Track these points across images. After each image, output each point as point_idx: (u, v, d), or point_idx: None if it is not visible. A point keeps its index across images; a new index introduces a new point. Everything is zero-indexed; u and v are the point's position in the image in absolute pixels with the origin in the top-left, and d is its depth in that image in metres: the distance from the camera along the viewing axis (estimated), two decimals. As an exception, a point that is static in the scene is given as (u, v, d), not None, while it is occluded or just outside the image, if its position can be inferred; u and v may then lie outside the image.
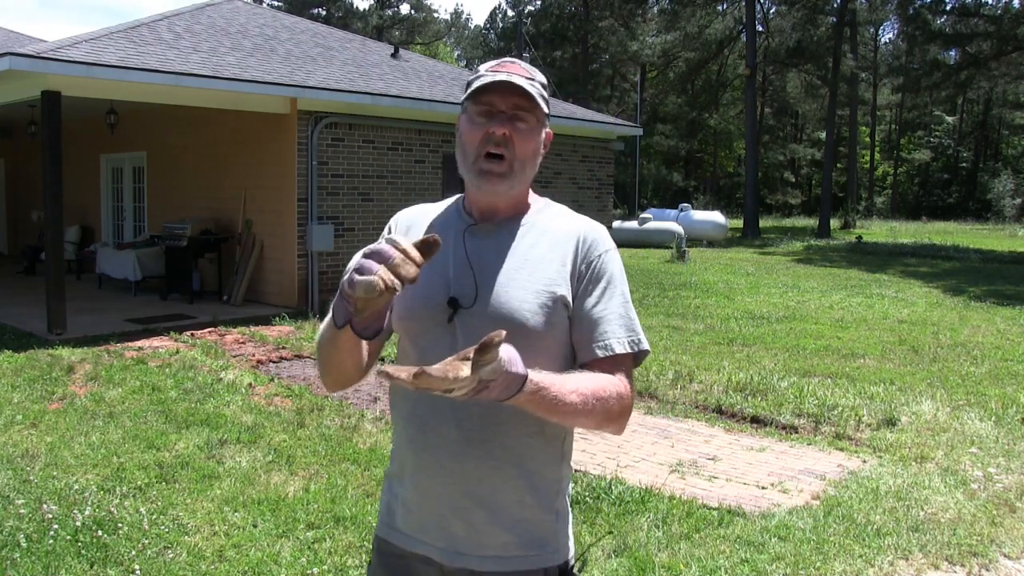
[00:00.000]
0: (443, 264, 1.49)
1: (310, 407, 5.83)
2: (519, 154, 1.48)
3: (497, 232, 1.52)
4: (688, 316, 10.24)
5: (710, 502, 4.20)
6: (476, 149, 1.47)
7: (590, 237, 1.53)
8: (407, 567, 1.54)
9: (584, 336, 1.48)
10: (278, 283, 10.68)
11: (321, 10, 49.01)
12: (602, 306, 1.48)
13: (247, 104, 9.92)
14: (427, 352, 1.45)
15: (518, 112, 1.47)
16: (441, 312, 1.46)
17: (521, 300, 1.45)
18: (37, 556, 3.43)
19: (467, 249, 1.50)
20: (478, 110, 1.48)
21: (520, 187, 1.52)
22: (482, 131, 1.47)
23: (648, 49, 41.69)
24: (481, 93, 1.47)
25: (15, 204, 16.78)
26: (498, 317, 1.43)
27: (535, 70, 1.53)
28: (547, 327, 1.45)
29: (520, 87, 1.46)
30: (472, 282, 1.46)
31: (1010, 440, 5.25)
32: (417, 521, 1.52)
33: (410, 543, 1.53)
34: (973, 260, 19.86)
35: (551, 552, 1.51)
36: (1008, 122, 48.99)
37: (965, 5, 28.64)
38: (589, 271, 1.50)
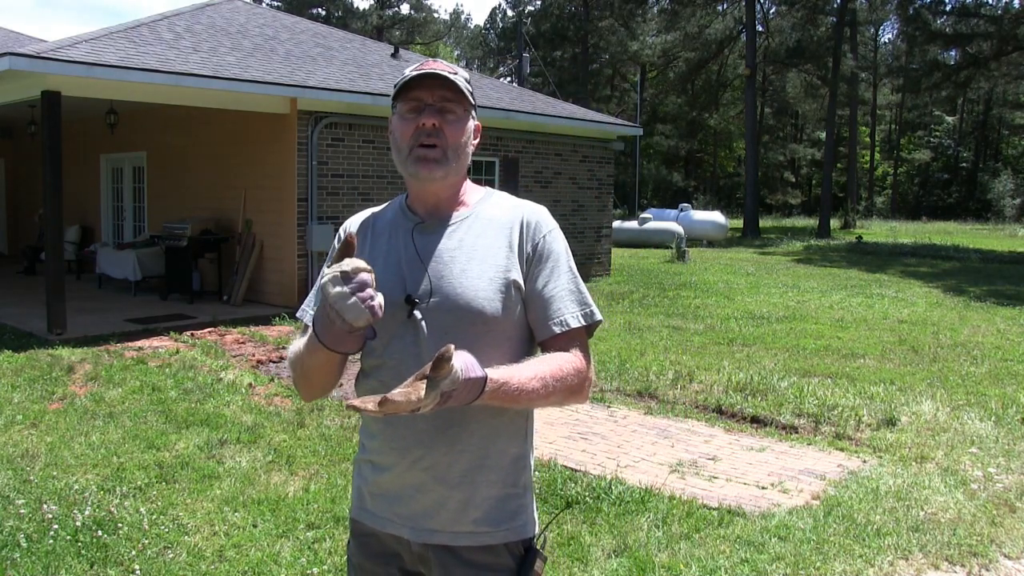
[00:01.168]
0: (396, 263, 1.55)
1: (310, 407, 5.82)
2: (451, 141, 1.54)
3: (443, 227, 1.58)
4: (688, 316, 10.24)
5: (710, 502, 4.20)
6: (409, 143, 1.54)
7: (532, 220, 1.59)
8: (380, 545, 1.61)
9: (539, 315, 1.55)
10: (278, 283, 10.68)
11: (321, 10, 49.02)
12: (552, 284, 1.55)
13: (247, 104, 9.93)
14: (392, 347, 1.52)
15: (445, 104, 1.54)
16: (399, 310, 1.51)
17: (477, 289, 1.50)
18: (37, 556, 3.43)
19: (416, 246, 1.56)
20: (407, 107, 1.55)
21: (456, 175, 1.58)
22: (413, 126, 1.53)
23: (648, 49, 41.71)
24: (408, 89, 1.54)
25: (15, 204, 16.78)
26: (457, 308, 1.49)
27: (457, 67, 1.60)
28: (505, 312, 1.51)
29: (445, 78, 1.53)
30: (426, 279, 1.52)
31: (1010, 440, 5.25)
32: (387, 503, 1.57)
33: (380, 523, 1.59)
34: (973, 260, 19.86)
35: (519, 526, 1.57)
36: (1008, 122, 48.98)
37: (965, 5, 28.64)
38: (536, 253, 1.56)
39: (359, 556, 1.65)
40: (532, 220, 1.59)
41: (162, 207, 12.53)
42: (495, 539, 1.54)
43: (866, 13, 37.11)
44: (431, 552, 1.54)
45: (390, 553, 1.60)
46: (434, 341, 1.46)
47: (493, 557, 1.54)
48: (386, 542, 1.60)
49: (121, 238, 13.69)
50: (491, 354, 1.45)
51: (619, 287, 13.11)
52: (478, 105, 1.65)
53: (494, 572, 1.54)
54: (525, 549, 1.57)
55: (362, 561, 1.64)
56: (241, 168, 11.05)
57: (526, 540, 1.58)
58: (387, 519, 1.58)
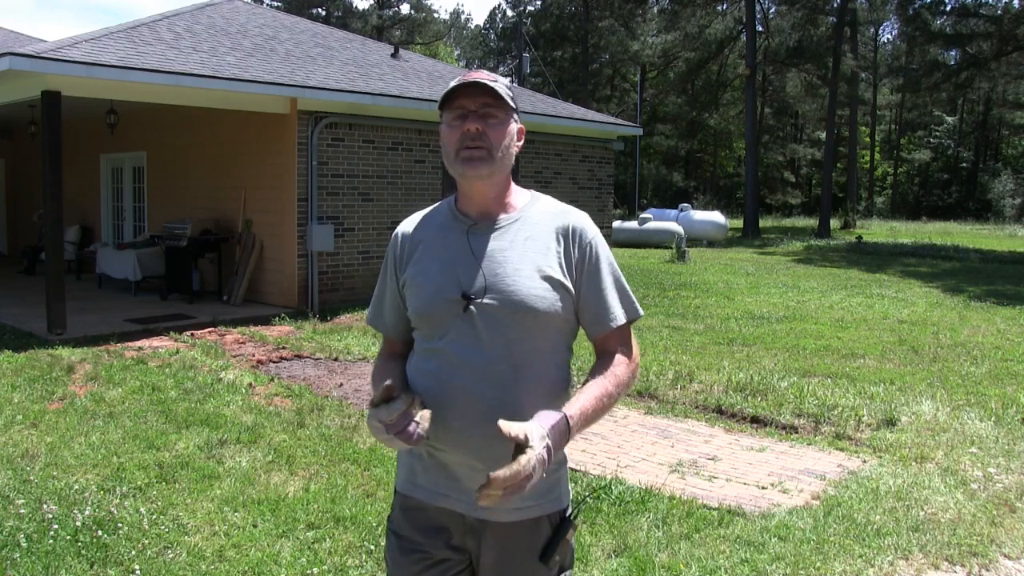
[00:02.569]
0: (451, 262, 1.69)
1: (310, 407, 5.83)
2: (495, 142, 1.67)
3: (495, 228, 1.72)
4: (688, 316, 10.24)
5: (710, 502, 4.20)
6: (456, 147, 1.67)
7: (579, 226, 1.73)
8: (429, 517, 1.73)
9: (590, 316, 1.72)
10: (278, 283, 10.68)
11: (321, 10, 49.02)
12: (600, 287, 1.73)
13: (247, 104, 9.93)
14: (450, 337, 1.67)
15: (487, 109, 1.67)
16: (456, 305, 1.66)
17: (529, 288, 1.65)
18: (37, 556, 3.43)
19: (472, 247, 1.70)
20: (452, 115, 1.68)
21: (500, 174, 1.71)
22: (459, 132, 1.67)
23: (648, 49, 41.70)
24: (452, 99, 1.68)
25: (15, 204, 16.78)
26: (510, 304, 1.64)
27: (498, 76, 1.72)
28: (552, 308, 1.66)
29: (485, 85, 1.65)
30: (481, 275, 1.66)
31: (1010, 440, 5.25)
32: (441, 478, 1.70)
33: (433, 498, 1.72)
34: (973, 260, 19.86)
35: (555, 498, 1.72)
36: (1008, 122, 48.97)
37: (965, 5, 28.64)
38: (583, 258, 1.71)
39: (406, 528, 1.75)
40: (578, 226, 1.73)
41: (162, 207, 12.53)
42: (537, 512, 1.69)
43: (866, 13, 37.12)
44: (486, 526, 1.69)
45: (438, 527, 1.72)
46: (489, 332, 1.63)
47: (535, 528, 1.69)
48: (435, 516, 1.72)
49: (121, 238, 13.69)
50: (538, 344, 1.66)
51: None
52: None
53: (535, 540, 1.69)
54: (560, 519, 1.72)
55: (409, 533, 1.75)
56: (241, 168, 11.05)
57: (562, 511, 1.73)
58: (442, 494, 1.71)
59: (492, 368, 1.63)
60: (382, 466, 4.65)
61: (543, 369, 1.68)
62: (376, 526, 3.81)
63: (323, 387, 6.58)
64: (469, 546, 1.72)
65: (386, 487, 4.33)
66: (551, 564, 1.69)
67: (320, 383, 6.71)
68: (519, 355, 1.64)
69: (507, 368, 1.63)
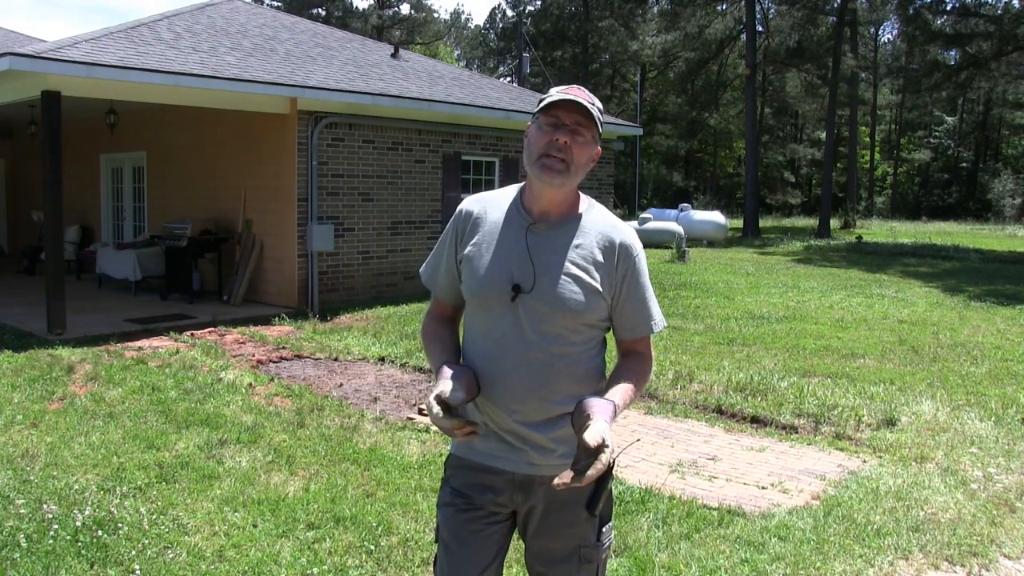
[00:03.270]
0: (507, 253, 1.88)
1: (310, 407, 5.83)
2: (575, 159, 1.84)
3: (552, 230, 1.90)
4: (688, 316, 10.24)
5: (710, 502, 4.20)
6: (541, 149, 1.83)
7: (627, 243, 1.92)
8: (481, 477, 1.96)
9: (625, 323, 1.94)
10: (278, 283, 10.68)
11: (321, 10, 49.01)
12: (637, 300, 1.93)
13: (247, 104, 9.93)
14: (496, 322, 1.89)
15: (578, 127, 1.83)
16: (506, 294, 1.86)
17: (570, 291, 1.85)
18: (37, 556, 3.43)
19: (528, 244, 1.88)
20: (547, 120, 1.84)
21: (571, 186, 1.88)
22: (548, 137, 1.83)
23: (648, 49, 41.70)
24: (551, 108, 1.83)
25: (15, 204, 16.78)
26: (552, 302, 1.84)
27: (595, 98, 1.89)
28: (588, 312, 1.87)
29: (583, 106, 1.82)
30: (531, 272, 1.86)
31: (1010, 440, 5.25)
32: (493, 444, 1.93)
33: (486, 459, 1.95)
34: (973, 260, 19.86)
35: None
36: (1008, 122, 48.95)
37: (965, 5, 28.62)
38: (627, 273, 1.91)
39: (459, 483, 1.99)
40: (627, 243, 1.92)
41: (162, 207, 12.54)
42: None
43: (866, 13, 37.09)
44: (533, 481, 1.91)
45: (488, 485, 1.95)
46: (529, 324, 1.85)
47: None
48: (487, 475, 1.95)
49: (121, 238, 13.69)
50: (572, 338, 1.87)
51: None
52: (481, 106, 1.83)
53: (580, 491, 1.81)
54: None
55: (462, 488, 1.98)
56: (241, 168, 11.05)
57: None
58: (494, 455, 1.93)
59: (529, 355, 1.85)
60: (382, 466, 4.65)
61: (576, 360, 1.88)
62: (376, 526, 3.81)
63: (323, 387, 6.58)
64: (517, 501, 1.94)
65: (386, 487, 4.33)
66: (596, 512, 1.86)
67: (320, 383, 6.71)
68: (554, 347, 1.86)
69: (543, 356, 1.85)
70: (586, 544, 1.93)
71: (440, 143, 11.88)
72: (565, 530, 1.92)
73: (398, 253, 11.42)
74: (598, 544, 1.95)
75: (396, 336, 8.51)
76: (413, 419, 5.73)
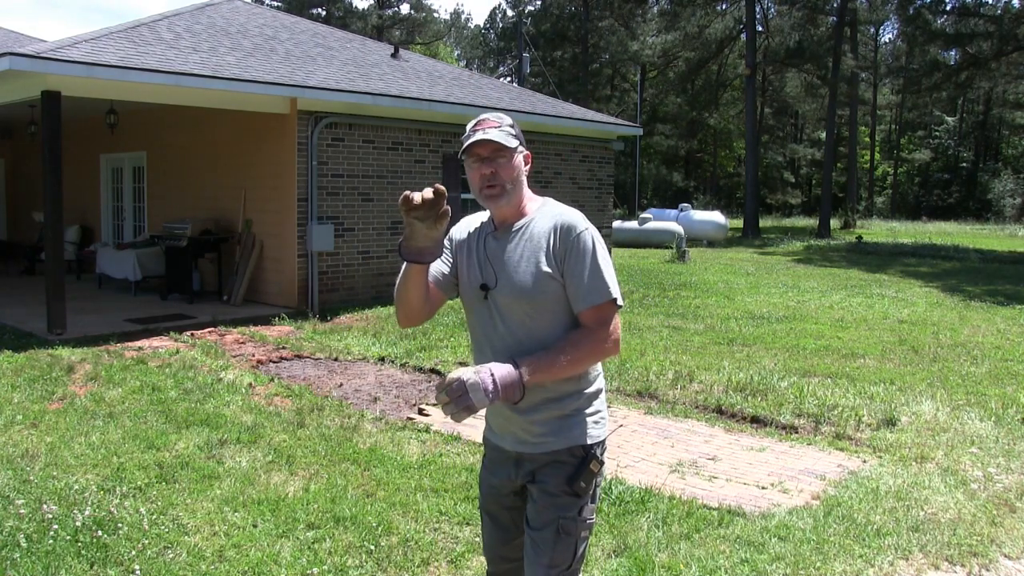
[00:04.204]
0: (477, 260, 2.22)
1: (310, 407, 5.83)
2: (506, 178, 2.14)
3: (507, 235, 2.20)
4: (688, 316, 10.23)
5: (710, 502, 4.20)
6: (479, 185, 2.16)
7: (565, 224, 2.14)
8: (496, 455, 2.31)
9: (572, 296, 2.13)
10: (278, 283, 10.68)
11: (321, 10, 48.99)
12: (579, 274, 2.11)
13: (247, 104, 9.92)
14: (475, 318, 2.24)
15: (496, 154, 2.13)
16: (479, 293, 2.20)
17: (524, 281, 2.13)
18: (37, 556, 3.43)
19: (487, 250, 2.21)
20: (471, 160, 2.16)
21: (515, 197, 2.18)
22: (478, 174, 2.15)
23: (648, 49, 41.66)
24: (468, 150, 2.14)
25: (15, 204, 16.78)
26: (513, 293, 2.13)
27: (503, 117, 2.17)
28: (544, 295, 2.12)
29: (489, 139, 2.10)
30: (492, 271, 2.18)
31: (1010, 440, 5.25)
32: (497, 423, 2.27)
33: (496, 438, 2.30)
34: (973, 260, 19.86)
35: (575, 436, 2.17)
36: (1008, 122, 48.95)
37: (965, 5, 28.62)
38: (567, 250, 2.11)
39: (488, 460, 2.37)
40: (565, 224, 2.13)
41: (162, 207, 12.53)
42: (556, 445, 2.16)
43: (866, 13, 37.05)
44: (523, 458, 2.21)
45: (501, 461, 2.28)
46: (500, 315, 2.15)
47: (558, 457, 2.17)
48: (498, 452, 2.29)
49: (121, 238, 13.68)
50: (538, 322, 2.12)
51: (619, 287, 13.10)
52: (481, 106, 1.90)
53: (562, 466, 2.16)
54: (585, 452, 2.16)
55: (489, 463, 2.35)
56: (241, 168, 11.05)
57: (584, 446, 2.16)
58: (497, 434, 2.28)
59: (503, 342, 2.14)
60: (382, 466, 4.65)
61: (544, 342, 2.11)
62: (376, 526, 3.81)
63: (323, 387, 6.58)
64: (515, 477, 2.23)
65: (386, 487, 4.33)
66: (577, 489, 2.14)
67: (320, 383, 6.71)
68: (522, 332, 2.13)
69: (513, 342, 2.13)
70: (566, 517, 2.14)
71: (440, 143, 11.88)
72: (548, 502, 2.15)
73: (398, 253, 11.41)
74: (578, 518, 2.15)
75: (396, 336, 8.51)
76: (413, 419, 5.73)
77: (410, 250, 2.05)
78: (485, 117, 2.18)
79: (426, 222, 1.96)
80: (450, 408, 1.94)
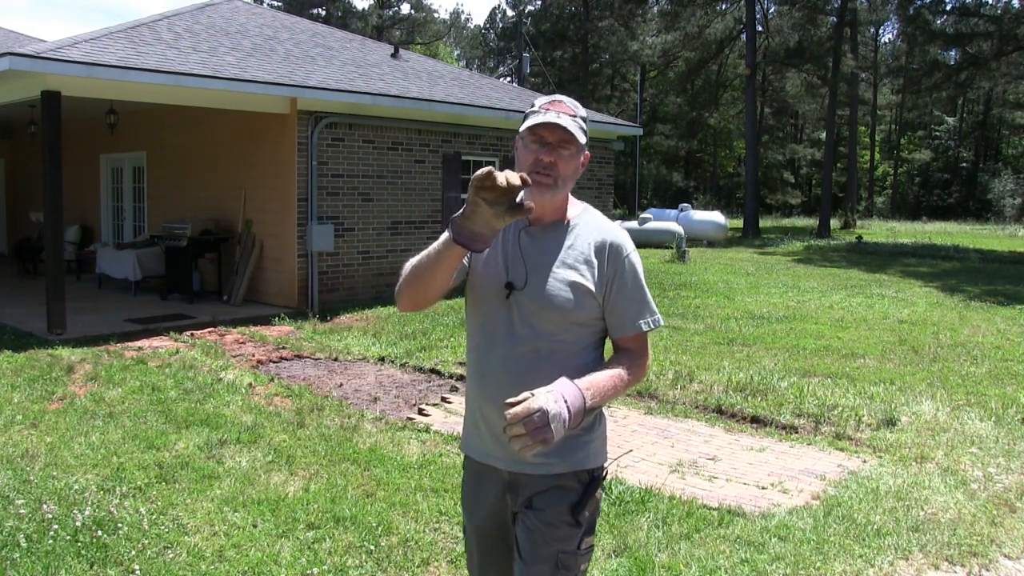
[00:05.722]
0: (503, 252, 1.98)
1: (310, 407, 5.83)
2: (562, 172, 1.92)
3: (544, 233, 1.98)
4: (688, 316, 10.23)
5: (710, 502, 4.20)
6: (528, 168, 1.90)
7: (616, 243, 1.98)
8: (480, 473, 2.07)
9: (616, 321, 1.98)
10: (278, 283, 10.68)
11: (321, 10, 49.01)
12: (626, 298, 1.98)
13: (247, 104, 9.92)
14: (490, 317, 1.97)
15: (562, 143, 1.90)
16: (500, 291, 1.95)
17: (560, 290, 1.92)
18: (37, 556, 3.43)
19: (521, 245, 1.97)
20: (531, 139, 1.91)
21: (561, 196, 1.97)
22: (533, 156, 1.90)
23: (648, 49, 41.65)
24: (534, 128, 1.90)
25: (15, 204, 16.78)
26: (542, 300, 1.92)
27: (578, 105, 1.96)
28: (576, 308, 1.93)
29: (564, 126, 1.88)
30: (524, 270, 1.94)
31: (1010, 440, 5.25)
32: (486, 439, 2.01)
33: (481, 456, 2.04)
34: (973, 260, 19.86)
35: (580, 459, 1.98)
36: (1008, 122, 48.93)
37: (965, 5, 28.62)
38: (616, 272, 1.96)
39: (469, 480, 2.13)
40: (617, 243, 1.98)
41: (162, 207, 12.53)
42: (562, 468, 1.95)
43: (866, 13, 37.04)
44: (519, 480, 1.98)
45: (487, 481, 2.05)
46: (520, 320, 1.93)
47: (561, 481, 1.96)
48: (484, 471, 2.05)
49: (121, 238, 13.68)
50: (561, 336, 1.93)
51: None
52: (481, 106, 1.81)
53: (565, 491, 1.96)
54: (590, 478, 1.99)
55: (471, 483, 2.11)
56: (241, 168, 11.05)
57: (590, 470, 1.99)
58: (486, 452, 2.02)
59: (518, 350, 1.92)
60: (382, 466, 4.65)
61: (564, 358, 1.92)
62: (376, 526, 3.81)
63: (323, 387, 6.58)
64: (509, 501, 2.01)
65: (386, 487, 4.33)
66: (580, 519, 1.95)
67: (320, 383, 6.71)
68: (541, 342, 1.92)
69: (530, 352, 1.91)
70: (565, 551, 1.95)
71: (440, 143, 11.88)
72: (548, 533, 1.94)
73: (398, 253, 11.41)
74: (577, 552, 1.96)
75: (396, 336, 8.51)
76: (413, 419, 5.73)
77: (464, 231, 1.73)
78: (560, 99, 1.96)
79: (495, 208, 1.67)
80: (522, 441, 1.66)
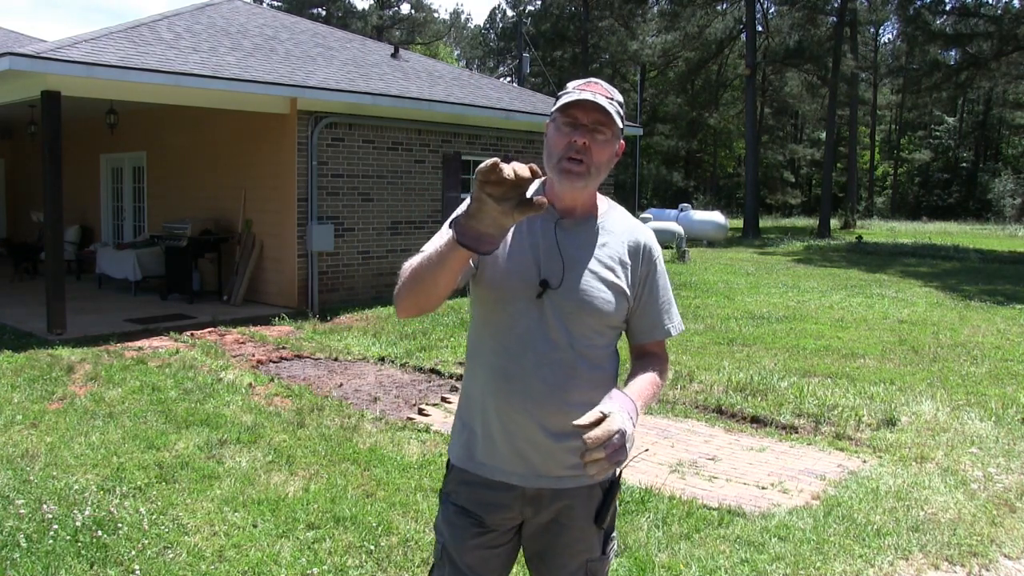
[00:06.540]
0: (533, 247, 1.80)
1: (310, 407, 5.83)
2: (595, 160, 1.75)
3: (578, 228, 1.83)
4: (688, 316, 10.23)
5: (710, 502, 4.20)
6: (560, 152, 1.75)
7: (649, 245, 1.90)
8: (485, 491, 1.86)
9: (645, 324, 1.90)
10: (278, 283, 10.68)
11: (321, 10, 49.00)
12: (658, 301, 1.91)
13: (247, 104, 9.92)
14: (516, 317, 1.79)
15: (598, 126, 1.74)
16: (532, 288, 1.77)
17: (597, 289, 1.80)
18: (37, 556, 3.43)
19: (557, 238, 1.81)
20: (564, 120, 1.75)
21: (594, 186, 1.81)
22: (566, 139, 1.74)
23: (648, 49, 41.66)
24: (568, 107, 1.75)
25: (15, 204, 16.78)
26: (578, 300, 1.78)
27: (615, 90, 1.80)
28: (611, 310, 1.82)
29: (601, 105, 1.73)
30: (560, 267, 1.78)
31: (1010, 440, 5.25)
32: (499, 454, 1.83)
33: (490, 471, 1.85)
34: (973, 260, 19.86)
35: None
36: (1008, 122, 48.93)
37: (965, 5, 28.62)
38: (649, 274, 1.89)
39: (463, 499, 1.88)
40: (650, 245, 1.90)
41: (162, 207, 12.53)
42: (587, 480, 1.84)
43: (866, 13, 37.07)
44: (543, 495, 1.84)
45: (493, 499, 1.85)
46: (556, 321, 1.77)
47: (589, 492, 1.87)
48: (491, 489, 1.85)
49: (121, 238, 13.68)
50: (595, 339, 1.81)
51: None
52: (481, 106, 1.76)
53: (590, 504, 1.86)
54: (610, 484, 1.89)
55: (466, 504, 1.87)
56: (241, 168, 11.05)
57: (611, 477, 1.89)
58: (498, 468, 1.83)
59: (554, 354, 1.77)
60: (382, 466, 4.65)
61: (597, 363, 1.81)
62: (376, 526, 3.81)
63: (323, 387, 6.58)
64: (527, 514, 1.87)
65: (386, 487, 4.33)
66: (604, 525, 1.88)
67: (320, 383, 6.71)
68: (579, 346, 1.79)
69: (568, 357, 1.77)
70: (593, 558, 1.90)
71: (440, 143, 11.88)
72: (573, 544, 1.88)
73: (398, 253, 11.41)
74: (603, 557, 1.92)
75: (396, 336, 8.51)
76: (413, 419, 5.73)
77: (469, 232, 1.52)
78: (596, 81, 1.79)
79: (502, 204, 1.48)
80: (600, 466, 1.53)
